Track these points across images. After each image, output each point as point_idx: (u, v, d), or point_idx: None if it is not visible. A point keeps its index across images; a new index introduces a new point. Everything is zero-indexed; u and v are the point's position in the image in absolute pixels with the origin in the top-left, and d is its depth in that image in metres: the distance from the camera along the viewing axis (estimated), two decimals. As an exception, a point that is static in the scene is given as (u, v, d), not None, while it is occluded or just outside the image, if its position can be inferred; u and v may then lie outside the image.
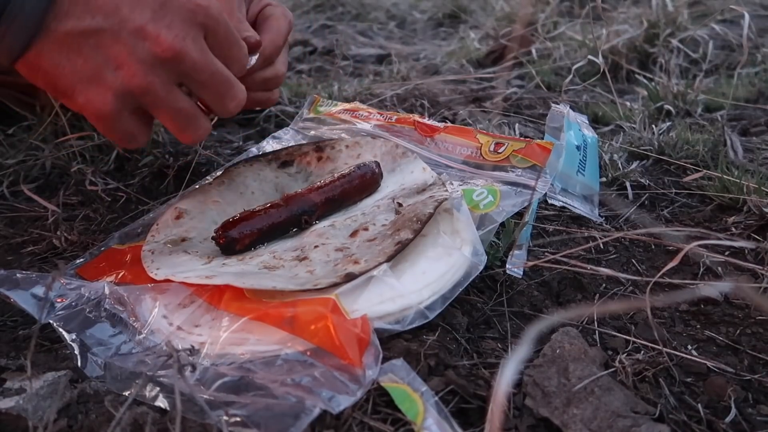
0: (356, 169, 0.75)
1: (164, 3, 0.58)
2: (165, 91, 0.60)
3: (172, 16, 0.58)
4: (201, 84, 0.62)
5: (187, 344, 0.55)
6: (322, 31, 2.05)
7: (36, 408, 0.49)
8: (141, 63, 0.57)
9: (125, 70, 0.58)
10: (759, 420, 0.52)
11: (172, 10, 0.58)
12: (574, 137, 0.85)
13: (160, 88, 0.59)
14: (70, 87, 0.59)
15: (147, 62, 0.58)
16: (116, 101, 0.59)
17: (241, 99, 0.66)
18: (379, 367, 0.51)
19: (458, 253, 0.62)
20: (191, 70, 0.60)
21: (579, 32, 1.58)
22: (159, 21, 0.57)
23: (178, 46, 0.58)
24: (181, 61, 0.59)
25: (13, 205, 0.86)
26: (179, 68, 0.60)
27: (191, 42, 0.59)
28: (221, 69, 0.63)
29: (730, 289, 0.66)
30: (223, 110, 0.66)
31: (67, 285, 0.62)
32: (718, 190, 0.87)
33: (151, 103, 0.61)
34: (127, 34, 0.57)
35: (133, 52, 0.57)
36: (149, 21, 0.57)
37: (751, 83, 1.33)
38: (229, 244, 0.66)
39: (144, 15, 0.57)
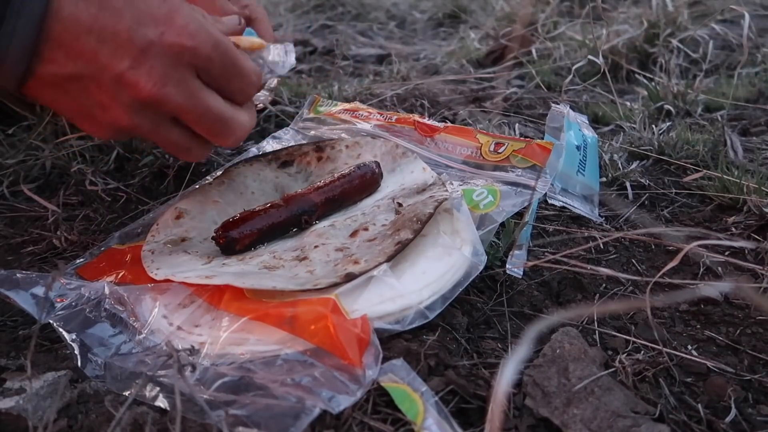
0: (356, 169, 0.75)
1: (145, 48, 0.55)
2: (153, 129, 0.60)
3: (153, 61, 0.56)
4: (192, 122, 0.62)
5: (187, 344, 0.55)
6: (322, 31, 2.05)
7: (36, 408, 0.49)
8: (124, 107, 0.57)
9: (111, 112, 0.58)
10: (759, 420, 0.52)
11: (154, 54, 0.56)
12: (574, 137, 0.85)
13: (148, 128, 0.60)
14: (70, 117, 0.62)
15: (130, 106, 0.58)
16: (112, 134, 0.61)
17: (241, 134, 0.65)
18: (379, 367, 0.51)
19: (458, 253, 0.62)
20: (177, 112, 0.60)
21: (579, 32, 1.58)
22: (138, 68, 0.56)
23: (158, 93, 0.57)
24: (164, 104, 0.58)
25: (13, 205, 0.86)
26: (163, 110, 0.59)
27: (174, 86, 0.57)
28: (213, 107, 0.61)
29: (730, 289, 0.66)
30: (221, 144, 0.65)
31: (67, 285, 0.62)
32: (718, 190, 0.87)
33: (144, 136, 0.62)
34: (107, 80, 0.56)
35: (116, 97, 0.57)
36: (128, 68, 0.55)
37: (751, 83, 1.33)
38: (229, 244, 0.66)
39: (123, 62, 0.55)
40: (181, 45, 0.56)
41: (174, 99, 0.58)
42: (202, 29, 0.58)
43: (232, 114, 0.63)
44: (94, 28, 0.53)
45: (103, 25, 0.54)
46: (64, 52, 0.54)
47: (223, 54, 0.60)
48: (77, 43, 0.54)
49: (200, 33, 0.58)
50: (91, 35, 0.54)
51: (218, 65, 0.60)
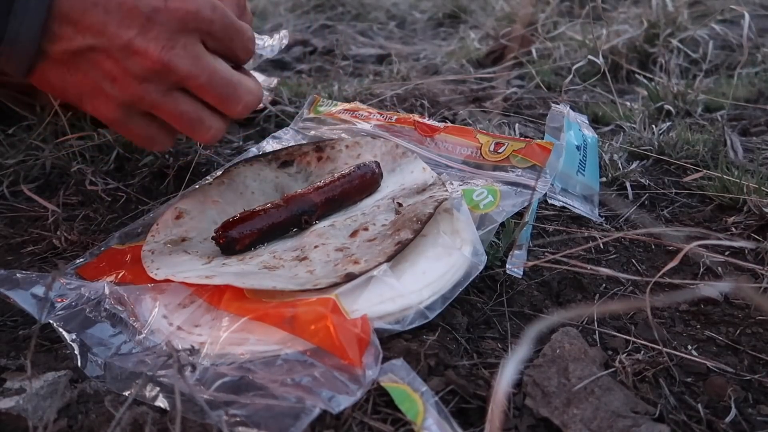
0: (356, 169, 0.75)
1: (151, 16, 0.57)
2: (162, 98, 0.62)
3: (160, 27, 0.58)
4: (199, 89, 0.63)
5: (187, 344, 0.55)
6: (322, 31, 2.05)
7: (36, 408, 0.49)
8: (133, 76, 0.59)
9: (120, 83, 0.60)
10: (759, 420, 0.52)
11: (160, 21, 0.58)
12: (574, 137, 0.85)
13: (156, 96, 0.61)
14: (77, 98, 0.63)
15: (138, 75, 0.59)
16: (120, 109, 0.62)
17: (249, 100, 0.66)
18: (379, 367, 0.51)
19: (458, 253, 0.62)
20: (184, 79, 0.61)
21: (579, 32, 1.58)
22: (146, 34, 0.58)
23: (166, 58, 0.59)
24: (172, 71, 0.60)
25: (13, 205, 0.86)
26: (172, 78, 0.61)
27: (181, 50, 0.59)
28: (220, 72, 0.63)
29: (730, 289, 0.66)
30: (230, 112, 0.66)
31: (67, 285, 0.62)
32: (718, 190, 0.87)
33: (152, 109, 0.63)
34: (116, 50, 0.58)
35: (124, 66, 0.59)
36: (136, 36, 0.58)
37: (751, 83, 1.33)
38: (229, 244, 0.66)
39: (131, 30, 0.57)
40: (185, 10, 0.58)
41: (181, 64, 0.60)
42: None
43: (239, 78, 0.65)
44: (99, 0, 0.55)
45: None
46: (73, 26, 0.56)
47: (221, 14, 0.62)
48: (85, 16, 0.56)
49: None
50: (97, 7, 0.56)
51: (219, 26, 0.62)
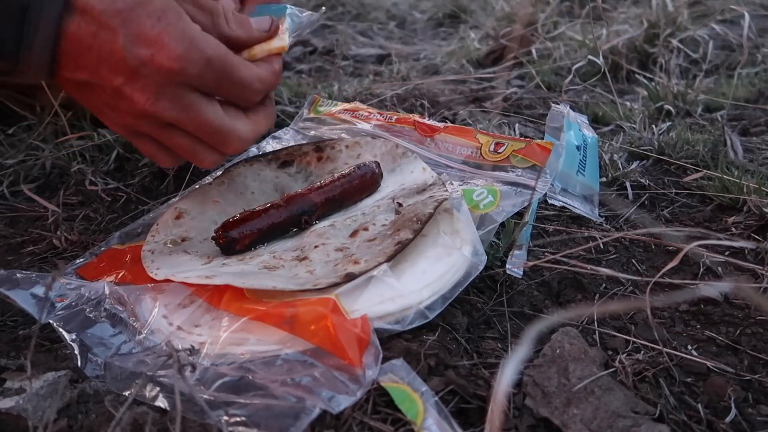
0: (356, 169, 0.75)
1: (138, 68, 0.57)
2: (157, 131, 0.63)
3: (146, 79, 0.58)
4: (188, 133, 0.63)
5: (187, 344, 0.55)
6: (322, 31, 2.05)
7: (36, 408, 0.49)
8: (126, 112, 0.61)
9: (117, 114, 0.62)
10: (759, 420, 0.52)
11: (146, 74, 0.58)
12: (574, 137, 0.85)
13: (151, 128, 0.63)
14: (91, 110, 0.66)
15: (131, 113, 0.61)
16: (123, 129, 0.65)
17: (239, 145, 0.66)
18: (379, 367, 0.51)
19: (458, 253, 0.62)
20: (173, 123, 0.62)
21: (579, 32, 1.58)
22: (132, 84, 0.59)
23: (151, 109, 0.60)
24: (159, 117, 0.61)
25: (13, 205, 0.86)
26: (160, 121, 0.62)
27: (167, 102, 0.60)
28: (209, 120, 0.62)
29: (730, 289, 0.66)
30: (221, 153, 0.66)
31: (67, 285, 0.62)
32: (718, 190, 0.87)
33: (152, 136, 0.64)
34: (109, 91, 0.60)
35: (118, 107, 0.61)
36: (123, 84, 0.59)
37: (751, 83, 1.33)
38: (229, 244, 0.66)
39: (119, 78, 0.58)
40: (170, 68, 0.57)
41: (168, 113, 0.60)
42: (192, 49, 0.58)
43: (231, 126, 0.64)
44: (93, 45, 0.57)
45: (100, 43, 0.57)
46: (74, 64, 0.59)
47: (217, 70, 0.60)
48: (81, 57, 0.58)
49: (190, 53, 0.58)
50: (92, 52, 0.57)
51: (212, 80, 0.60)
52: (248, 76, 0.63)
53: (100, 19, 0.56)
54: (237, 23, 0.66)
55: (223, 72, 0.61)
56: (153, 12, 0.57)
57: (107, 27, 0.56)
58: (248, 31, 0.67)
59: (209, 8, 0.63)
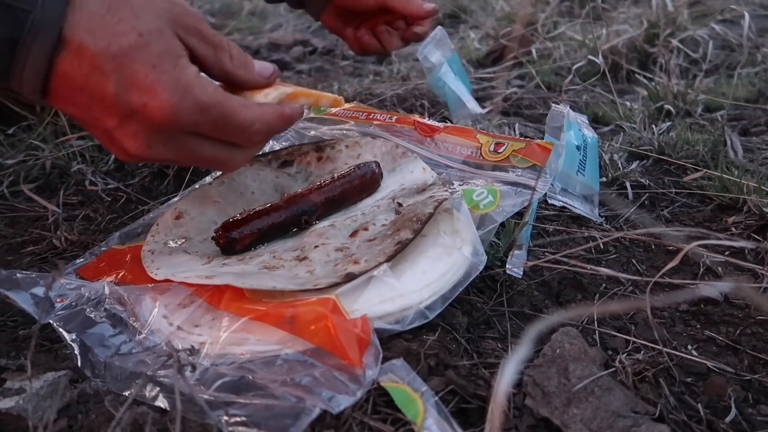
0: (356, 169, 0.75)
1: (129, 115, 0.56)
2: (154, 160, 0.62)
3: (137, 126, 0.57)
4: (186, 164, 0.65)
5: (187, 344, 0.55)
6: (322, 31, 2.05)
7: (36, 408, 0.49)
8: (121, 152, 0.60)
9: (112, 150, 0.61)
10: (759, 420, 0.52)
11: (137, 121, 0.56)
12: (574, 137, 0.85)
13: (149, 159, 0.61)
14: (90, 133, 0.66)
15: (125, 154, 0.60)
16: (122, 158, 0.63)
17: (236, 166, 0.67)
18: (379, 367, 0.51)
19: (458, 253, 0.62)
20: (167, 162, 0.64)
21: (579, 32, 1.58)
22: (124, 129, 0.57)
23: (144, 154, 0.58)
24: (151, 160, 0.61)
25: (13, 205, 0.86)
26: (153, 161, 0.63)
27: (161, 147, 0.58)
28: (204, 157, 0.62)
29: (730, 289, 0.66)
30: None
31: (67, 285, 0.62)
32: (718, 190, 0.87)
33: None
34: (102, 129, 0.58)
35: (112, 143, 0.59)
36: (114, 128, 0.57)
37: (751, 83, 1.33)
38: (229, 244, 0.66)
39: (111, 121, 0.57)
40: (162, 118, 0.56)
41: (161, 156, 0.60)
42: (186, 98, 0.56)
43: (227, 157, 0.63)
44: (85, 87, 0.55)
45: (92, 86, 0.55)
46: (65, 100, 0.57)
47: (214, 117, 0.58)
48: (73, 96, 0.56)
49: (184, 102, 0.56)
50: (83, 92, 0.55)
51: (208, 127, 0.59)
52: (248, 118, 0.61)
53: (94, 62, 0.53)
54: (241, 62, 0.63)
55: (221, 118, 0.59)
56: (148, 58, 0.55)
57: (100, 70, 0.54)
58: (249, 72, 0.64)
59: (214, 42, 0.61)
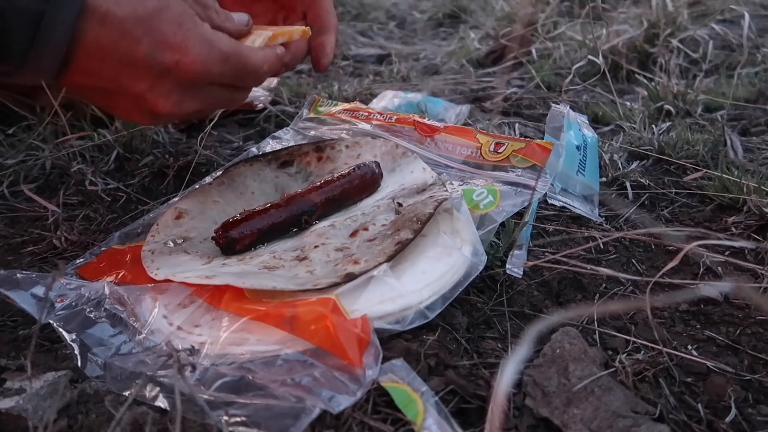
0: (356, 169, 0.75)
1: (163, 74, 0.59)
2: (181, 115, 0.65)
3: (170, 84, 0.60)
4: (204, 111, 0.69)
5: (187, 344, 0.55)
6: (322, 31, 2.04)
7: (36, 408, 0.49)
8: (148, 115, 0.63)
9: (137, 117, 0.65)
10: (759, 420, 0.52)
11: (170, 79, 0.59)
12: (574, 137, 0.85)
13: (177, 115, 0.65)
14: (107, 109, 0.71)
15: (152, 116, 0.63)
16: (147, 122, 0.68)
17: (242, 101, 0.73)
18: (379, 367, 0.51)
19: (458, 253, 0.62)
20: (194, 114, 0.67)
21: (579, 32, 1.58)
22: (156, 90, 0.60)
23: (175, 111, 0.62)
24: (180, 116, 0.64)
25: (13, 205, 0.86)
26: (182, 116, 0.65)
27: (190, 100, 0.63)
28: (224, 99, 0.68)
29: (730, 289, 0.66)
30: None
31: (67, 285, 0.62)
32: (718, 190, 0.87)
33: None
34: (129, 97, 0.61)
35: (138, 108, 0.62)
36: (147, 90, 0.59)
37: (751, 83, 1.33)
38: (229, 244, 0.66)
39: (142, 84, 0.59)
40: (195, 71, 0.60)
41: (189, 110, 0.64)
42: (213, 51, 0.61)
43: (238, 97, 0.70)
44: (114, 54, 0.57)
45: (123, 51, 0.57)
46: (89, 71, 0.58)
47: (233, 66, 0.64)
48: (100, 66, 0.57)
49: (212, 55, 0.61)
50: (113, 59, 0.57)
51: (230, 75, 0.64)
52: (258, 61, 0.67)
53: (123, 27, 0.55)
54: (225, 16, 0.69)
55: (239, 64, 0.64)
56: (173, 19, 0.58)
57: (129, 35, 0.56)
58: (234, 23, 0.69)
59: (201, 2, 0.65)
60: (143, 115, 0.63)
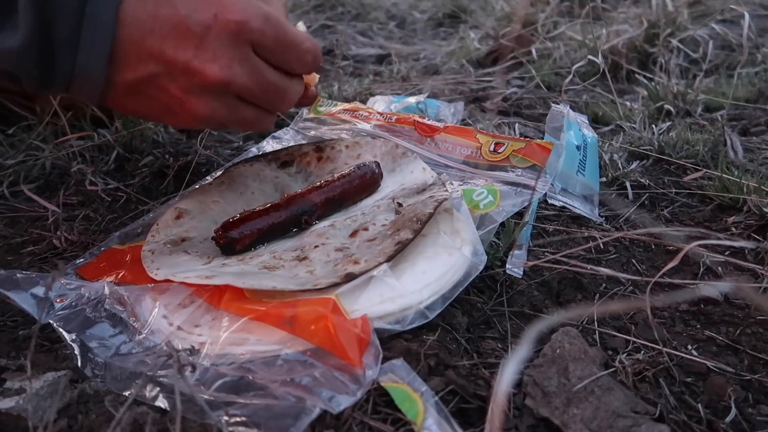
0: (356, 169, 0.75)
1: (205, 33, 0.58)
2: (227, 112, 0.64)
3: (214, 44, 0.59)
4: (255, 98, 0.66)
5: (187, 344, 0.55)
6: (322, 31, 2.05)
7: (36, 408, 0.49)
8: (197, 97, 0.61)
9: (188, 106, 0.62)
10: (759, 420, 0.52)
11: (213, 38, 0.59)
12: (574, 137, 0.85)
13: (222, 112, 0.64)
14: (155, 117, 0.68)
15: (202, 94, 0.61)
16: (195, 124, 0.66)
17: (293, 99, 0.70)
18: (379, 367, 0.51)
19: (458, 253, 0.62)
20: (242, 91, 0.64)
21: (579, 32, 1.58)
22: (202, 54, 0.59)
23: (226, 76, 0.60)
24: (231, 86, 0.62)
25: (13, 205, 0.86)
26: (232, 91, 0.63)
27: (238, 66, 0.61)
28: (272, 81, 0.65)
29: (730, 289, 0.66)
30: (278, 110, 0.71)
31: (67, 285, 0.62)
32: (718, 189, 0.87)
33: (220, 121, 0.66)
34: (178, 73, 0.59)
35: (188, 88, 0.61)
36: (192, 57, 0.59)
37: (751, 83, 1.33)
38: (229, 244, 0.66)
39: (187, 52, 0.58)
40: (235, 22, 0.59)
41: (240, 78, 0.61)
42: (251, 5, 0.60)
43: (288, 84, 0.68)
44: (155, 26, 0.57)
45: (162, 20, 0.57)
46: (135, 55, 0.58)
47: (274, 25, 0.62)
48: (144, 44, 0.57)
49: (250, 8, 0.60)
50: (154, 33, 0.57)
51: (271, 37, 0.62)
52: (300, 34, 0.65)
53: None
54: None
55: (279, 28, 0.62)
56: None
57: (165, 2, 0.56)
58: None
59: None
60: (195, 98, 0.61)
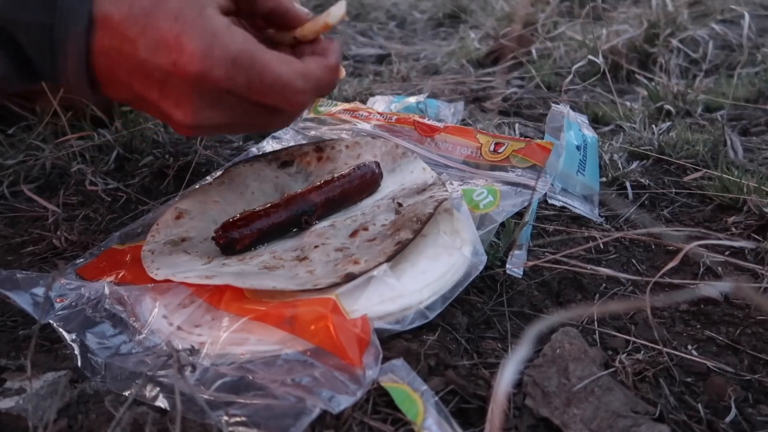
0: (356, 169, 0.75)
1: (165, 79, 0.53)
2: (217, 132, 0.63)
3: (177, 91, 0.54)
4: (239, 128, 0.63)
5: (187, 344, 0.55)
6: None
7: (36, 408, 0.49)
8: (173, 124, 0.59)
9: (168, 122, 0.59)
10: (759, 420, 0.52)
11: (174, 84, 0.53)
12: (574, 137, 0.85)
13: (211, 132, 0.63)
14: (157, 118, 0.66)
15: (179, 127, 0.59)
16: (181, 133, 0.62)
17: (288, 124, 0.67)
18: (379, 367, 0.51)
19: (458, 253, 0.62)
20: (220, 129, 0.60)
21: (579, 32, 1.58)
22: (167, 99, 0.55)
23: (193, 121, 0.56)
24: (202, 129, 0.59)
25: (13, 205, 0.86)
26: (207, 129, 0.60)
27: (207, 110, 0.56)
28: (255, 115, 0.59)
29: (730, 289, 0.66)
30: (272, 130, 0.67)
31: (67, 285, 0.62)
32: (718, 189, 0.87)
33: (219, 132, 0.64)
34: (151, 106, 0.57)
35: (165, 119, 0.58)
36: (159, 99, 0.55)
37: (751, 83, 1.33)
38: (229, 244, 0.66)
39: (153, 93, 0.54)
40: (195, 72, 0.52)
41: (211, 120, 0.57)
42: (215, 46, 0.52)
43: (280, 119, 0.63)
44: (120, 61, 0.53)
45: (126, 57, 0.52)
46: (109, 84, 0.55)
47: (246, 70, 0.54)
48: (114, 75, 0.54)
49: (213, 52, 0.52)
50: (121, 68, 0.53)
51: (242, 84, 0.54)
52: (284, 73, 0.56)
53: (120, 31, 0.51)
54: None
55: (253, 71, 0.54)
56: (170, 12, 0.51)
57: (127, 39, 0.51)
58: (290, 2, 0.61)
59: None
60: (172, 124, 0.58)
